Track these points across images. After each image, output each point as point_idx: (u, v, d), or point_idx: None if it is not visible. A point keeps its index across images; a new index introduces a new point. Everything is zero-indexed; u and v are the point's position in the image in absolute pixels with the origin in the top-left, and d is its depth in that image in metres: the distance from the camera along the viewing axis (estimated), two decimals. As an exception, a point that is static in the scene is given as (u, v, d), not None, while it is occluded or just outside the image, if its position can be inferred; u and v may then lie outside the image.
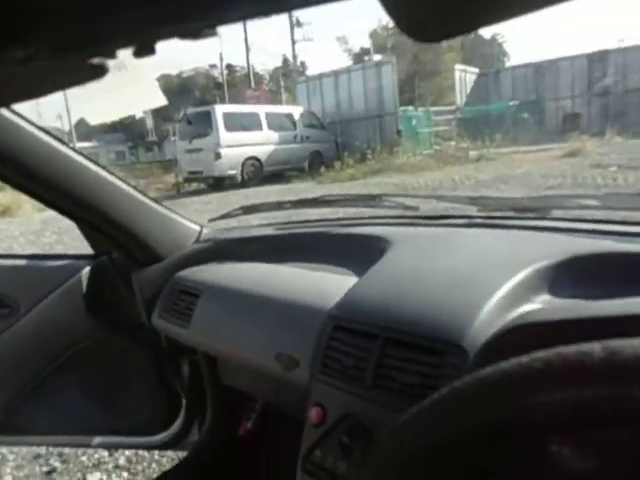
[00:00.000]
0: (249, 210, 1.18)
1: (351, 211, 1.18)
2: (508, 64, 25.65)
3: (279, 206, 1.16)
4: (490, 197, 1.05)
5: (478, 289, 0.64)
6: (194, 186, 11.26)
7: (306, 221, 1.13)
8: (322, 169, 10.63)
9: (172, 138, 13.76)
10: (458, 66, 16.76)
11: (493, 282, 0.64)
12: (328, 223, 1.10)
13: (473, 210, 0.98)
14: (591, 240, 0.72)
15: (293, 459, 1.41)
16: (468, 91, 16.46)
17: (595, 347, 0.22)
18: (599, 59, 14.46)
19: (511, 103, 14.38)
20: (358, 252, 0.93)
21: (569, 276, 0.65)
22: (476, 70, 17.42)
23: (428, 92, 18.69)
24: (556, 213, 0.87)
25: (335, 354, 0.68)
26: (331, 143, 12.56)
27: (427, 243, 0.87)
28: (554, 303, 0.60)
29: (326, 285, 0.83)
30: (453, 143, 11.81)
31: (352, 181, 9.06)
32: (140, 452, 1.65)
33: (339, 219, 1.13)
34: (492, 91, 16.60)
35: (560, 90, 15.18)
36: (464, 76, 16.40)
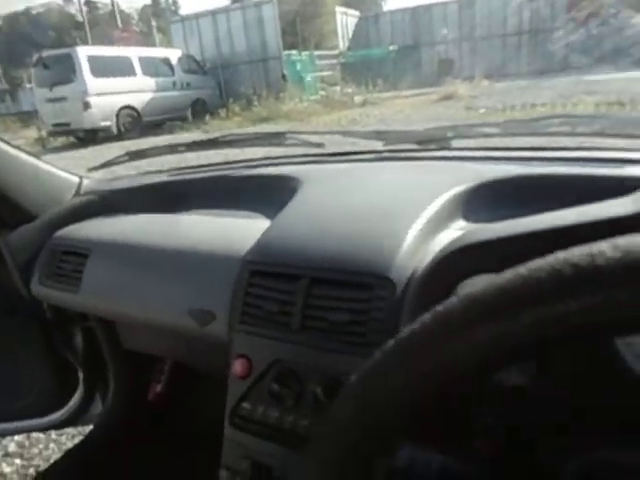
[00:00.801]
0: (136, 156, 1.05)
1: (253, 152, 1.10)
2: (386, 8, 26.03)
3: (172, 149, 1.04)
4: (394, 131, 1.04)
5: (397, 220, 0.63)
6: (61, 140, 10.06)
7: (204, 165, 1.03)
8: (207, 117, 10.09)
9: (27, 85, 12.01)
10: (339, 8, 16.60)
11: (410, 212, 0.63)
12: (229, 166, 1.01)
13: (379, 144, 0.96)
14: (497, 166, 0.73)
15: (212, 417, 1.37)
16: (350, 35, 16.47)
17: (604, 247, 0.20)
18: (468, 5, 15.23)
19: (391, 48, 14.72)
20: (266, 194, 0.87)
21: (482, 201, 0.67)
22: (357, 13, 17.41)
23: (311, 35, 18.38)
24: (459, 143, 0.88)
25: (255, 301, 0.64)
26: (214, 89, 11.91)
27: (338, 179, 0.83)
28: (473, 227, 0.61)
29: (236, 231, 0.76)
30: (338, 88, 11.87)
31: (240, 129, 8.75)
32: (34, 434, 1.49)
33: (241, 161, 1.05)
34: (373, 35, 16.79)
35: (435, 35, 15.82)
36: (345, 19, 16.32)
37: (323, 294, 0.59)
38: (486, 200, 0.65)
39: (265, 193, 0.86)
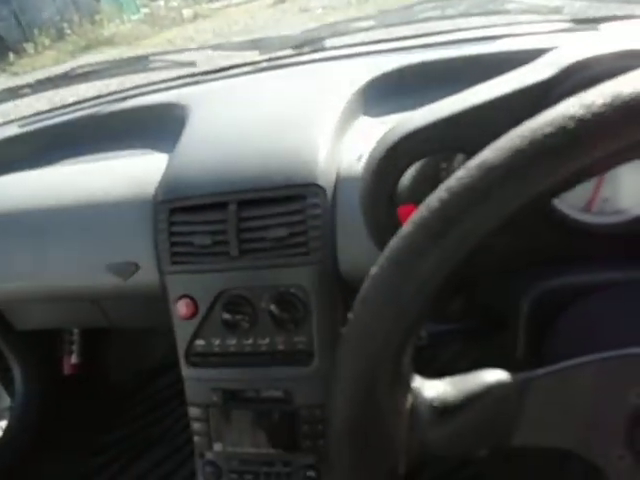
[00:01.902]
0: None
1: (114, 83, 0.97)
2: None
3: (12, 93, 0.88)
4: (267, 38, 0.98)
5: (306, 127, 0.63)
6: None
7: (59, 107, 0.89)
8: (11, 57, 8.48)
9: None
10: None
11: (316, 117, 0.64)
12: (92, 103, 0.89)
13: (254, 55, 0.91)
14: (383, 58, 0.75)
15: (146, 371, 1.32)
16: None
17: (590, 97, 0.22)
18: None
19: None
20: (153, 127, 0.79)
21: (381, 95, 0.69)
22: None
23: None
24: (336, 42, 0.88)
25: (184, 239, 0.60)
26: (10, 21, 9.92)
27: (227, 98, 0.79)
28: (389, 119, 0.63)
29: (135, 171, 0.70)
30: (162, 2, 10.67)
31: (58, 65, 7.56)
32: None
33: (102, 96, 0.92)
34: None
35: None
36: None
37: (255, 215, 0.58)
38: (385, 93, 0.67)
39: (151, 126, 0.78)
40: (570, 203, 0.40)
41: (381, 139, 0.47)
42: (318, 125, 0.62)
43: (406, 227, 0.26)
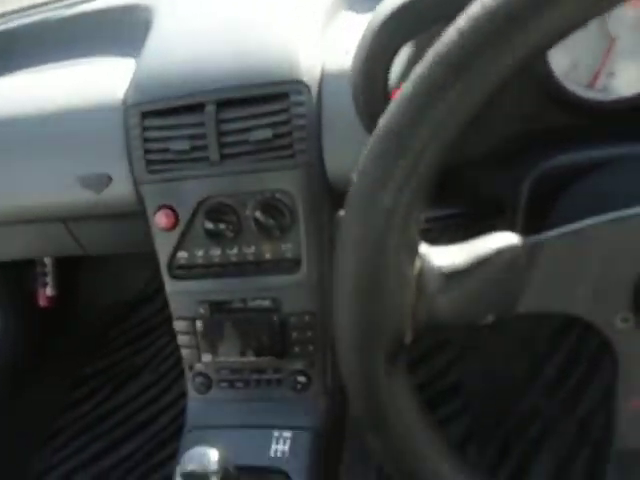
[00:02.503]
0: None
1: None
2: None
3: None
4: None
5: (289, 21, 0.58)
6: None
7: (14, 11, 0.80)
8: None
9: None
10: None
11: (300, 10, 0.59)
12: (50, 7, 0.80)
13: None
14: None
15: (124, 303, 1.30)
16: None
17: None
18: None
19: None
20: (115, 30, 0.72)
21: None
22: None
23: None
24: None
25: (159, 145, 0.57)
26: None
27: None
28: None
29: (102, 77, 0.64)
30: None
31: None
32: None
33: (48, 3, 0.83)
34: None
35: None
36: None
37: (235, 116, 0.54)
38: None
39: (115, 29, 0.71)
40: (574, 79, 0.39)
41: (370, 22, 0.43)
42: (300, 18, 0.58)
43: (401, 94, 0.24)
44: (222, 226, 0.57)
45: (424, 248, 0.28)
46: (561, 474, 0.84)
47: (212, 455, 0.42)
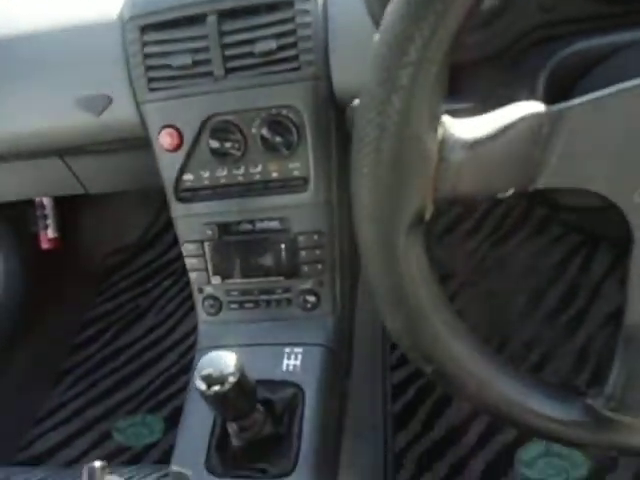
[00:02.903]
0: None
1: None
2: None
3: None
4: None
5: None
6: None
7: None
8: None
9: None
10: None
11: None
12: None
13: None
14: None
15: (126, 247, 1.30)
16: None
17: None
18: None
19: None
20: None
21: None
22: None
23: None
24: None
25: (160, 61, 0.55)
26: None
27: None
28: None
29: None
30: None
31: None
32: None
33: None
34: None
35: None
36: None
37: (238, 28, 0.52)
38: None
39: None
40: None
41: None
42: None
43: None
44: (228, 145, 0.56)
45: (446, 118, 0.27)
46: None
47: (229, 357, 0.43)
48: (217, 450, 0.52)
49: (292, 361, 0.58)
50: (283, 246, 0.59)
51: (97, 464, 0.40)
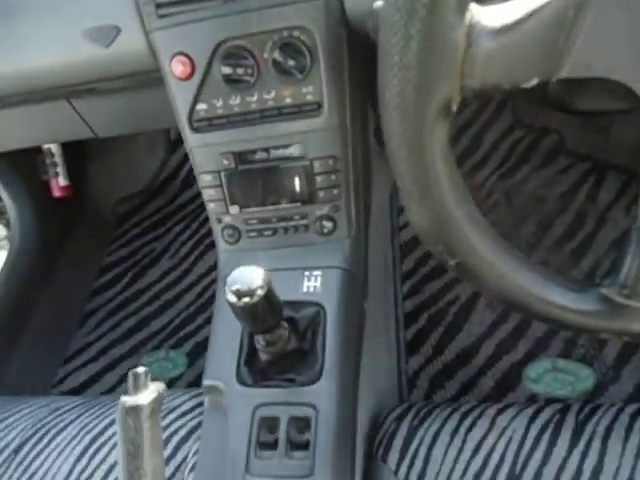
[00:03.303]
0: None
1: None
2: None
3: None
4: None
5: None
6: None
7: None
8: None
9: None
10: None
11: None
12: None
13: None
14: None
15: (137, 194, 1.31)
16: None
17: None
18: None
19: None
20: None
21: None
22: None
23: None
24: None
25: None
26: None
27: None
28: None
29: None
30: None
31: None
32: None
33: None
34: None
35: None
36: None
37: None
38: None
39: None
40: None
41: None
42: None
43: None
44: (240, 71, 0.56)
45: (474, 5, 0.27)
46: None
47: (257, 272, 0.45)
48: (246, 364, 0.56)
49: (312, 283, 0.60)
50: (299, 173, 0.60)
51: (141, 369, 0.42)
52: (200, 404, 0.65)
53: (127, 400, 0.41)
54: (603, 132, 1.05)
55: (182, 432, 0.63)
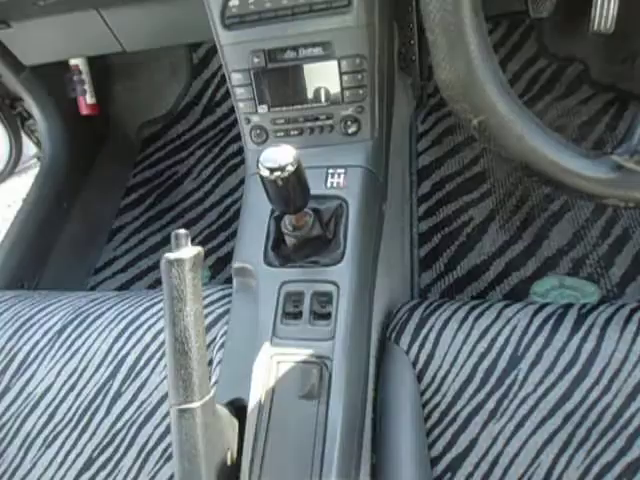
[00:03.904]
0: None
1: None
2: None
3: None
4: None
5: None
6: None
7: None
8: None
9: None
10: None
11: None
12: None
13: None
14: None
15: (162, 118, 1.34)
16: None
17: None
18: None
19: None
20: None
21: None
22: None
23: None
24: None
25: None
26: None
27: None
28: None
29: None
30: None
31: None
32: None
33: None
34: None
35: None
36: None
37: None
38: None
39: None
40: None
41: None
42: None
43: None
44: None
45: None
46: (577, 240, 0.93)
47: (288, 150, 0.48)
48: (273, 249, 0.60)
49: (336, 179, 0.63)
50: (326, 72, 0.62)
51: (182, 230, 0.47)
52: (227, 296, 0.71)
53: (170, 255, 0.46)
54: (629, 61, 1.04)
55: (210, 318, 0.69)
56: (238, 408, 0.52)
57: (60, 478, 0.67)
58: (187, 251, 0.45)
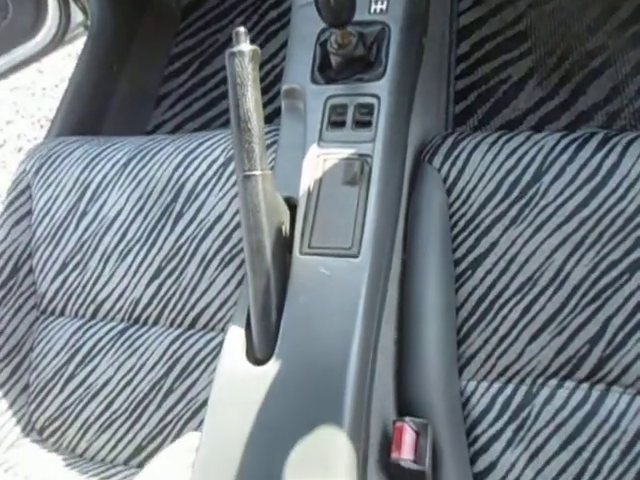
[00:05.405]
0: None
1: None
2: None
3: None
4: None
5: None
6: None
7: None
8: None
9: None
10: None
11: None
12: None
13: None
14: None
15: None
16: None
17: None
18: None
19: None
20: None
21: None
22: None
23: None
24: None
25: None
26: None
27: None
28: None
29: None
30: None
31: None
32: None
33: None
34: None
35: None
36: None
37: None
38: None
39: None
40: None
41: None
42: None
43: None
44: None
45: None
46: (614, 94, 0.94)
47: None
48: (319, 70, 0.65)
49: (379, 6, 0.66)
50: None
51: (242, 29, 0.52)
52: (272, 130, 0.77)
53: (233, 48, 0.52)
54: None
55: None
56: (289, 203, 0.60)
57: (135, 284, 0.79)
58: (247, 45, 0.51)
